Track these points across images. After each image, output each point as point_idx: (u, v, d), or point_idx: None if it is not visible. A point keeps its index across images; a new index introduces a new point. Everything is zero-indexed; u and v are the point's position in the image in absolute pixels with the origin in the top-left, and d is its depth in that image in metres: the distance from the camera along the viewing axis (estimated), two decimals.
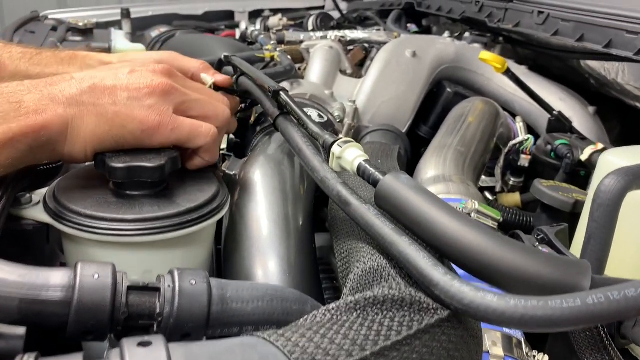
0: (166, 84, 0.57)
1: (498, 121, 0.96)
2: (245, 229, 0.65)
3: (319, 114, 0.86)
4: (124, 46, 1.23)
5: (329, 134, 0.59)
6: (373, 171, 0.52)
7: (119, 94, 0.54)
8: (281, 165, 0.70)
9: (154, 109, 0.55)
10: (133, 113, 0.54)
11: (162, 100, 0.56)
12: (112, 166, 0.52)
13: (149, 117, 0.54)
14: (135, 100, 0.54)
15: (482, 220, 0.66)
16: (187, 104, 0.59)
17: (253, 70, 0.76)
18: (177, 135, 0.56)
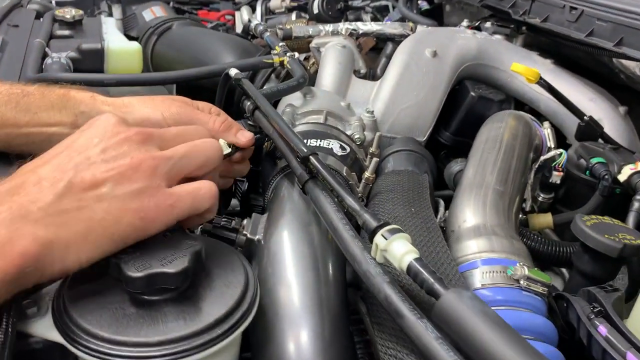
0: (148, 158, 0.50)
1: (533, 142, 0.88)
2: (272, 304, 0.58)
3: (340, 145, 0.78)
4: (118, 45, 1.13)
5: (370, 214, 0.53)
6: (428, 277, 0.46)
7: (102, 186, 0.47)
8: (310, 227, 0.63)
9: (145, 192, 0.48)
10: (124, 205, 0.47)
11: (151, 178, 0.49)
12: (130, 276, 0.46)
13: (143, 203, 0.48)
14: (122, 188, 0.47)
15: (532, 287, 0.60)
16: (177, 167, 0.52)
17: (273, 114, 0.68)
18: (179, 211, 0.51)
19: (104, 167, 0.47)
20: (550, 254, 0.81)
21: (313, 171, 0.60)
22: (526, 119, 0.91)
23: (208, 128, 0.66)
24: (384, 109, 1.02)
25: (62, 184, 0.46)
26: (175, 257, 0.48)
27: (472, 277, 0.63)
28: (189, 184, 0.52)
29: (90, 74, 0.94)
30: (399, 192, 0.74)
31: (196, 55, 1.12)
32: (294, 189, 0.69)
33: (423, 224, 0.66)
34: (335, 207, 0.57)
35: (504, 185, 0.74)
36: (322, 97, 0.96)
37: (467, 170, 0.79)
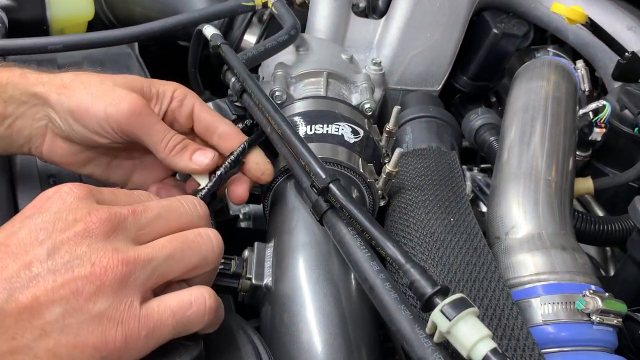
0: (117, 264, 0.34)
1: (577, 97, 0.74)
2: (296, 353, 0.47)
3: (352, 129, 0.63)
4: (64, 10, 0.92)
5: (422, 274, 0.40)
6: None
7: (47, 312, 0.32)
8: (329, 262, 0.50)
9: (110, 317, 0.33)
10: (79, 340, 0.33)
11: (119, 294, 0.34)
12: None
13: (107, 335, 0.33)
14: (77, 314, 0.33)
15: (606, 320, 0.49)
16: (158, 274, 0.36)
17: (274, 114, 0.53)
18: (157, 342, 0.36)
19: (50, 282, 0.32)
20: (598, 234, 0.70)
21: (333, 203, 0.46)
22: (568, 70, 0.75)
23: (157, 149, 0.50)
24: (392, 57, 0.86)
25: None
26: None
27: (530, 309, 0.51)
28: (173, 297, 0.37)
29: (28, 39, 0.74)
30: (429, 189, 0.60)
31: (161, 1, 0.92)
32: (304, 203, 0.55)
33: (468, 242, 0.53)
34: (369, 255, 0.43)
35: (555, 172, 0.61)
36: (319, 50, 0.79)
37: (505, 151, 0.65)
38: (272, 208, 0.59)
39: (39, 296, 0.32)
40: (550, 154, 0.62)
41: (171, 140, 0.52)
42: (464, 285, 0.49)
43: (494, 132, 0.82)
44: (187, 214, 0.41)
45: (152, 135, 0.51)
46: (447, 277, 0.50)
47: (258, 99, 0.56)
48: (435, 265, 0.51)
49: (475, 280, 0.49)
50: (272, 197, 0.60)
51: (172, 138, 0.52)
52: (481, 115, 0.86)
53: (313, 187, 0.46)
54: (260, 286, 0.50)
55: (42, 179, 0.61)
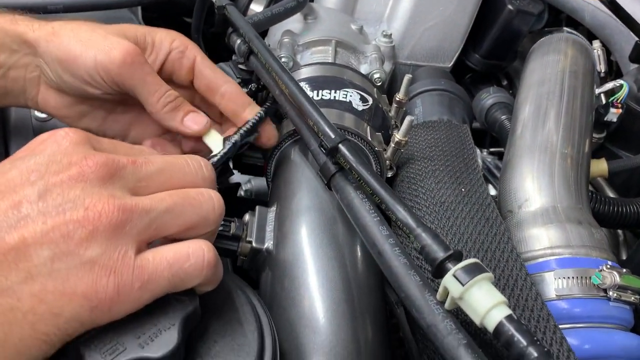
0: (112, 209, 0.31)
1: (594, 75, 0.71)
2: (298, 319, 0.44)
3: (360, 96, 0.61)
4: None
5: (432, 236, 0.38)
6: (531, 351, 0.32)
7: (34, 254, 0.30)
8: (334, 226, 0.48)
9: (102, 265, 0.31)
10: (67, 286, 0.30)
11: (113, 241, 0.31)
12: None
13: (98, 284, 0.30)
14: (66, 258, 0.30)
15: (623, 297, 0.47)
16: (155, 227, 0.34)
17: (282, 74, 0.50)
18: (151, 295, 0.33)
19: (39, 224, 0.30)
20: (614, 216, 0.68)
21: (341, 162, 0.44)
22: (586, 46, 0.73)
23: (148, 103, 0.48)
24: (403, 30, 0.83)
25: None
26: (159, 328, 0.33)
27: (543, 283, 0.49)
28: (170, 248, 0.34)
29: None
30: (439, 160, 0.58)
31: None
32: (310, 168, 0.53)
33: (480, 212, 0.51)
34: (378, 219, 0.41)
35: (572, 147, 0.58)
36: (328, 18, 0.76)
37: (519, 126, 0.63)
38: (275, 173, 0.57)
39: (27, 237, 0.29)
40: (567, 129, 0.60)
41: (164, 96, 0.49)
42: (476, 254, 0.47)
43: (506, 111, 0.79)
44: (191, 173, 0.38)
45: (144, 87, 0.48)
46: (458, 245, 0.47)
47: (265, 59, 0.53)
48: (446, 234, 0.48)
49: (487, 250, 0.47)
50: (275, 162, 0.58)
51: (165, 94, 0.50)
52: (493, 94, 0.83)
53: (322, 147, 0.44)
54: (260, 250, 0.47)
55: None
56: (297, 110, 0.50)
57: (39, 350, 0.30)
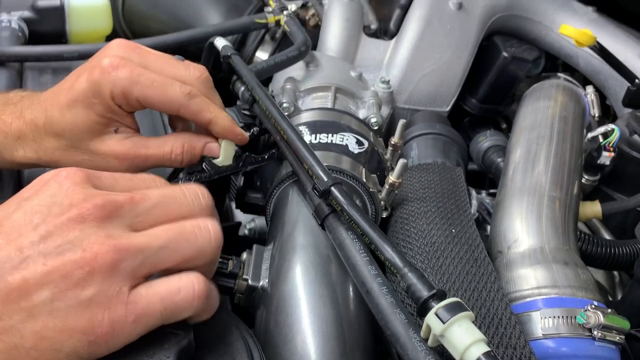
0: (109, 250, 0.34)
1: (585, 124, 0.74)
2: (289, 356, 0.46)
3: (357, 140, 0.64)
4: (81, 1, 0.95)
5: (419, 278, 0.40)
6: None
7: (36, 294, 0.32)
8: (329, 266, 0.50)
9: (98, 302, 0.33)
10: (67, 323, 0.32)
11: (109, 280, 0.34)
12: None
13: (94, 320, 0.33)
14: (66, 298, 0.33)
15: (608, 336, 0.48)
16: (150, 263, 0.36)
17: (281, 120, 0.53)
18: (144, 328, 0.35)
19: (40, 265, 0.32)
20: (605, 257, 0.69)
21: (334, 205, 0.46)
22: (576, 92, 0.76)
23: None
24: (401, 77, 0.87)
25: None
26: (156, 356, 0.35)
27: (530, 323, 0.50)
28: (162, 282, 0.37)
29: (45, 47, 0.77)
30: (432, 201, 0.60)
31: (174, 10, 0.95)
32: (305, 206, 0.55)
33: (468, 252, 0.53)
34: (368, 259, 0.43)
35: (560, 189, 0.60)
36: (329, 66, 0.80)
37: (511, 168, 0.65)
38: (274, 212, 0.60)
39: (29, 279, 0.32)
40: (556, 172, 0.62)
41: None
42: (463, 294, 0.48)
43: (502, 154, 0.82)
44: (187, 204, 0.40)
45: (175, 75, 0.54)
46: (446, 285, 0.49)
47: (266, 106, 0.56)
48: (435, 273, 0.50)
49: (474, 290, 0.49)
50: (274, 202, 0.60)
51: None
52: (489, 137, 0.86)
53: (315, 189, 0.47)
54: (256, 287, 0.49)
55: None
56: (292, 155, 0.52)
57: None
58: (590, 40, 0.73)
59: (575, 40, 0.75)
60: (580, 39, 0.73)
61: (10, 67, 0.76)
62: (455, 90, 0.89)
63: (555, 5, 0.97)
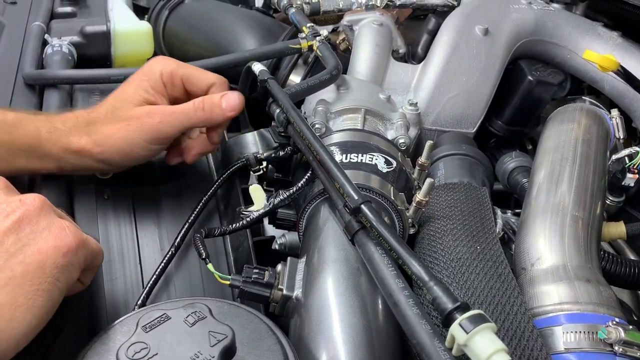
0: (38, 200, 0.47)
1: (609, 146, 0.76)
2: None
3: (385, 159, 0.67)
4: (125, 26, 1.00)
5: (444, 291, 0.42)
6: None
7: (7, 239, 0.43)
8: (359, 278, 0.53)
9: (54, 226, 0.46)
10: (38, 247, 0.44)
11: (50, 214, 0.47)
12: None
13: (58, 236, 0.45)
14: (29, 233, 0.45)
15: (629, 352, 0.50)
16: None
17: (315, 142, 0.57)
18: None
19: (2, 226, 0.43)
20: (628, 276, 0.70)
21: (364, 222, 0.49)
22: (600, 115, 0.78)
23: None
24: (428, 99, 0.90)
25: None
26: (204, 358, 0.38)
27: (552, 337, 0.52)
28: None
29: (93, 70, 0.82)
30: (458, 219, 0.62)
31: (212, 35, 1.00)
32: (336, 222, 0.59)
33: (492, 268, 0.55)
34: (395, 272, 0.46)
35: (583, 209, 0.63)
36: (358, 89, 0.84)
37: (535, 189, 0.67)
38: (306, 227, 0.63)
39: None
40: (579, 192, 0.64)
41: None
42: (487, 307, 0.51)
43: (527, 175, 0.84)
44: None
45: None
46: (471, 299, 0.52)
47: (300, 128, 0.60)
48: (460, 288, 0.53)
49: (497, 304, 0.51)
50: (307, 218, 0.64)
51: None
52: (515, 158, 0.89)
53: (346, 207, 0.50)
54: (290, 297, 0.53)
55: (98, 192, 0.67)
56: (326, 175, 0.56)
57: (42, 302, 0.41)
58: (613, 66, 0.76)
59: (599, 66, 0.77)
60: (604, 64, 0.76)
61: (61, 89, 0.82)
62: (481, 112, 0.92)
63: (580, 30, 0.99)
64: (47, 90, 0.82)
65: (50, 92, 0.81)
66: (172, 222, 0.67)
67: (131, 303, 0.60)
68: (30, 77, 0.83)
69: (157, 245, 0.65)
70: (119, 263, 0.63)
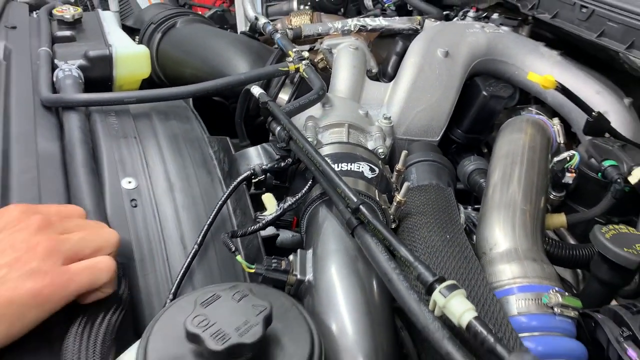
0: (45, 240, 0.52)
1: (550, 151, 0.92)
2: (327, 337, 0.62)
3: (370, 167, 0.81)
4: (126, 51, 1.11)
5: (425, 267, 0.56)
6: (489, 337, 0.50)
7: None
8: (356, 262, 0.67)
9: (40, 271, 0.51)
10: (18, 286, 0.49)
11: (47, 258, 0.52)
12: (212, 350, 0.49)
13: (37, 282, 0.50)
14: (17, 270, 0.50)
15: (565, 312, 0.65)
16: (75, 248, 0.55)
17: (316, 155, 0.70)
18: (76, 286, 0.53)
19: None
20: (567, 257, 0.86)
21: (362, 218, 0.63)
22: (543, 125, 0.94)
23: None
24: (399, 113, 1.04)
25: None
26: (249, 325, 0.51)
27: (508, 304, 0.67)
28: (87, 260, 0.55)
29: (109, 94, 0.93)
30: (430, 214, 0.77)
31: (207, 59, 1.11)
32: (335, 220, 0.72)
33: (460, 252, 0.70)
34: (387, 257, 0.60)
35: (529, 204, 0.78)
36: (341, 106, 0.97)
37: (491, 188, 0.82)
38: (308, 226, 0.76)
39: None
40: (526, 190, 0.79)
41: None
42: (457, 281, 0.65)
43: (484, 175, 0.99)
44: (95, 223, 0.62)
45: None
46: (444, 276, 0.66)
47: (302, 144, 0.73)
48: (435, 268, 0.67)
49: (465, 279, 0.65)
50: (307, 218, 0.77)
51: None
52: (473, 162, 1.04)
53: (348, 207, 0.63)
54: (303, 280, 0.66)
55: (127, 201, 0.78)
56: (327, 180, 0.69)
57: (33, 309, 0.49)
58: (552, 85, 0.91)
59: (540, 85, 0.93)
60: (544, 84, 0.91)
61: (79, 110, 0.92)
62: (444, 123, 1.07)
63: (525, 49, 1.15)
64: (65, 111, 0.92)
65: (69, 114, 0.91)
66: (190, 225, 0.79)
67: (162, 293, 0.72)
68: (49, 101, 0.93)
69: (180, 245, 0.77)
70: (149, 261, 0.75)
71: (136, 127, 0.89)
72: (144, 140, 0.87)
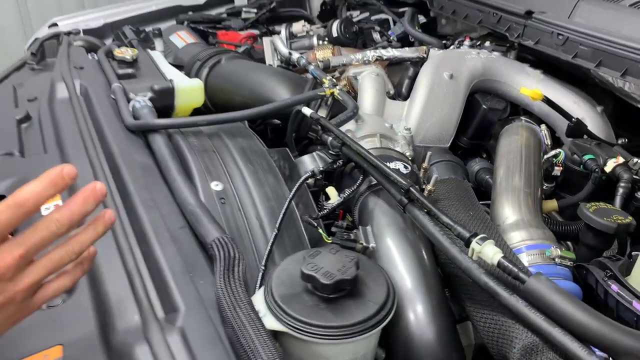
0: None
1: (541, 148, 1.15)
2: None
3: (404, 165, 1.03)
4: (185, 84, 1.33)
5: (461, 227, 0.78)
6: (514, 268, 0.72)
7: None
8: (406, 232, 0.89)
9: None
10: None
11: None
12: (324, 283, 0.70)
13: None
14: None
15: (562, 262, 0.88)
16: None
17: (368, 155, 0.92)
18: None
19: None
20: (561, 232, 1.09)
21: (412, 197, 0.85)
22: (534, 129, 1.18)
23: None
24: (416, 125, 1.27)
25: None
26: (347, 267, 0.72)
27: (520, 259, 0.89)
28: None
29: (185, 118, 1.15)
30: (454, 199, 0.99)
31: (254, 89, 1.33)
32: (384, 204, 0.94)
33: (482, 223, 0.92)
34: (434, 224, 0.82)
35: (529, 187, 1.01)
36: (370, 121, 1.20)
37: (499, 177, 1.05)
38: (361, 212, 0.98)
39: None
40: (526, 179, 1.03)
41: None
42: None
43: (488, 173, 1.22)
44: None
45: None
46: None
47: (356, 148, 0.95)
48: None
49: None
50: (359, 207, 0.99)
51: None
52: (478, 162, 1.27)
53: (402, 189, 0.85)
54: (368, 247, 0.88)
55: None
56: (379, 172, 0.91)
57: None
58: (540, 97, 1.15)
59: (530, 97, 1.17)
60: (533, 97, 1.15)
61: (162, 133, 1.13)
62: (452, 132, 1.30)
63: (514, 70, 1.40)
64: (150, 134, 1.12)
65: (154, 135, 1.11)
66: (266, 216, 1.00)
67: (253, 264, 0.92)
68: (135, 126, 1.14)
69: (260, 230, 0.98)
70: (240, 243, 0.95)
71: (212, 143, 1.11)
72: (220, 153, 1.08)
